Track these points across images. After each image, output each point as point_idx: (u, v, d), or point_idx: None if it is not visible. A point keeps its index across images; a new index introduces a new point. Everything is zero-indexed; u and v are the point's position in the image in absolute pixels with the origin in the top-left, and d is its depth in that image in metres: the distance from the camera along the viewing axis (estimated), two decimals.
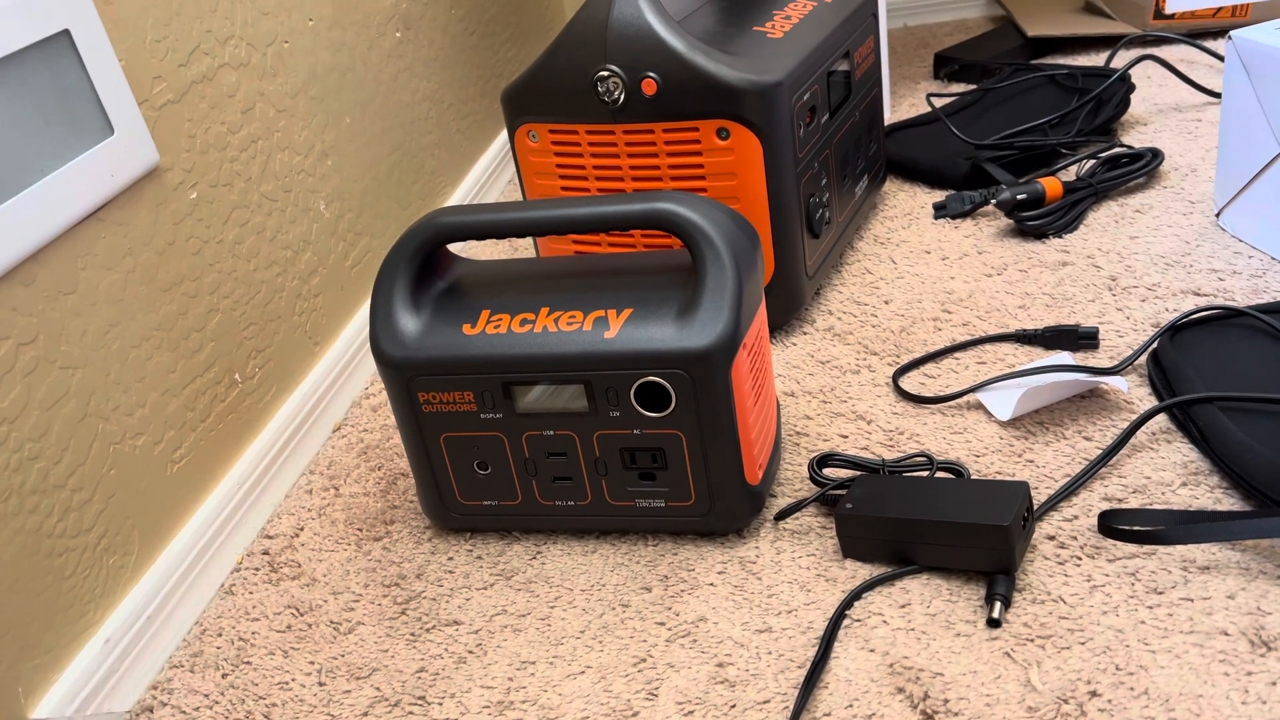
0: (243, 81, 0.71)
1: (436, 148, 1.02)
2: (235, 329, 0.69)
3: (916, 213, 0.91)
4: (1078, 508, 0.56)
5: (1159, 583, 0.51)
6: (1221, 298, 0.71)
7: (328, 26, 0.83)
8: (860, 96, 0.84)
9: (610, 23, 0.70)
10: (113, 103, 0.58)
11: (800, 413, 0.69)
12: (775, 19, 0.77)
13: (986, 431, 0.64)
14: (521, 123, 0.76)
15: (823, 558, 0.57)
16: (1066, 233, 0.83)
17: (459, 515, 0.62)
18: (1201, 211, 0.83)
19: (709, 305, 0.54)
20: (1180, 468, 0.58)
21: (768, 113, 0.68)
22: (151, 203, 0.62)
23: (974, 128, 0.99)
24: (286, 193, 0.76)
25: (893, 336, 0.75)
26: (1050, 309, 0.74)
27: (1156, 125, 0.99)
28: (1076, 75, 1.03)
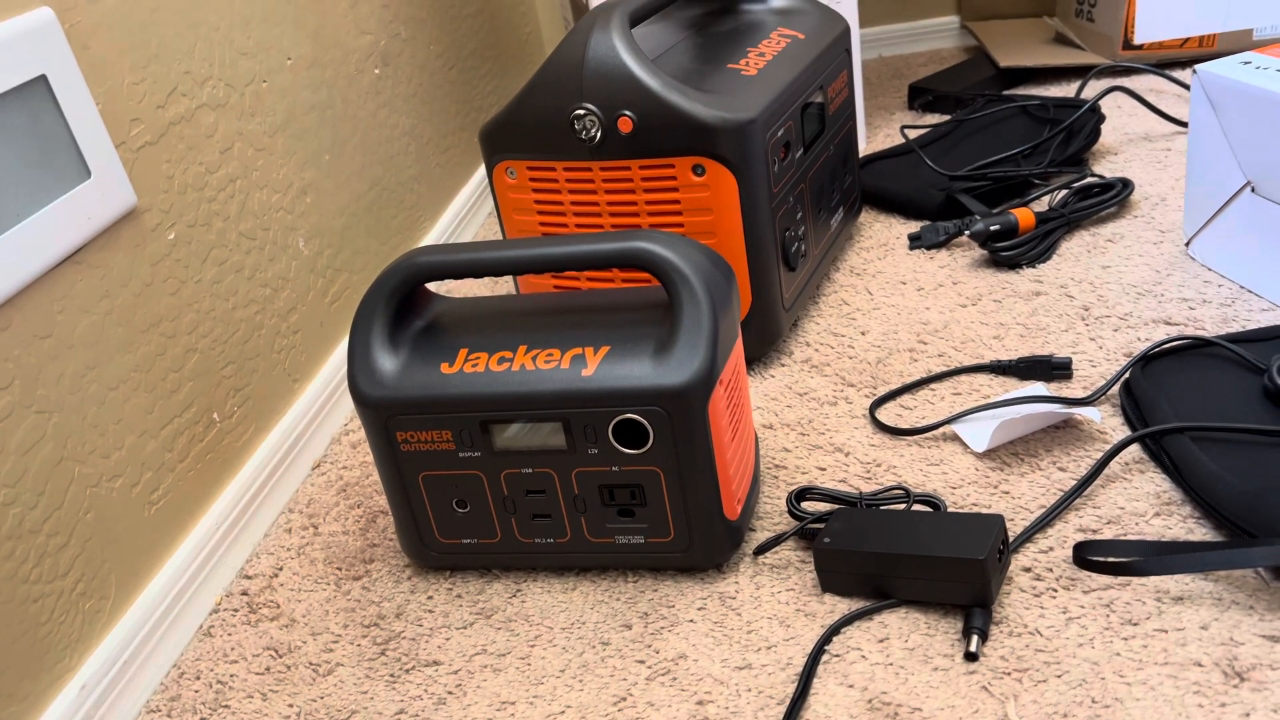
0: (221, 122, 0.72)
1: (416, 182, 1.03)
2: (214, 368, 0.69)
3: (892, 243, 0.92)
4: (1053, 539, 0.57)
5: (1134, 614, 0.51)
6: (1192, 327, 0.72)
7: (306, 65, 0.84)
8: (835, 131, 0.85)
9: (586, 62, 0.70)
10: (90, 146, 0.58)
11: (779, 445, 0.69)
12: (750, 56, 0.78)
13: (963, 463, 0.64)
14: (499, 160, 0.76)
15: (802, 592, 0.57)
16: (1040, 262, 0.84)
17: (438, 554, 0.62)
18: (1172, 240, 0.84)
19: (685, 343, 0.54)
20: (1153, 498, 0.58)
21: (742, 149, 0.69)
22: (129, 244, 0.62)
23: (948, 158, 1.00)
24: (265, 231, 0.76)
25: (869, 368, 0.75)
26: (1024, 339, 0.75)
27: (1127, 155, 1.00)
28: (1048, 106, 1.04)
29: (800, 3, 0.88)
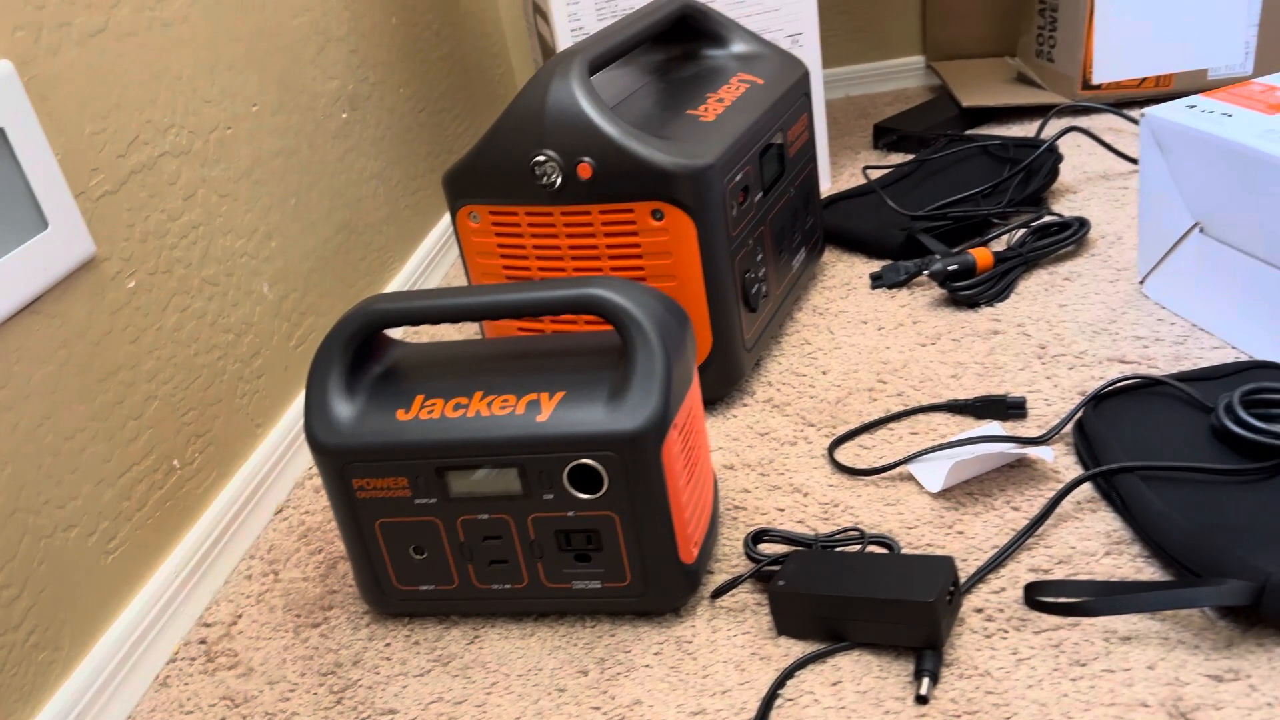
0: (184, 169, 0.72)
1: (384, 224, 1.04)
2: (174, 415, 0.69)
3: (854, 282, 0.93)
4: (1005, 579, 0.57)
5: (1082, 654, 0.52)
6: (1145, 365, 0.74)
7: (272, 111, 0.84)
8: (795, 173, 0.86)
9: (546, 109, 0.72)
10: (47, 197, 0.59)
11: (739, 486, 0.70)
12: (708, 101, 0.79)
13: (918, 503, 0.65)
14: (462, 204, 0.77)
15: (758, 635, 0.57)
16: (998, 301, 0.85)
17: (396, 600, 0.62)
18: (1127, 279, 0.85)
19: (638, 388, 0.55)
20: (1104, 537, 0.59)
21: (700, 194, 0.70)
22: (88, 293, 0.62)
23: (910, 198, 1.02)
24: (229, 276, 0.76)
25: (829, 407, 0.76)
26: (982, 378, 0.76)
27: (1086, 193, 1.02)
28: (1008, 145, 1.06)
29: (761, 48, 0.89)
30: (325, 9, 0.95)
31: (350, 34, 1.00)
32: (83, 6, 0.64)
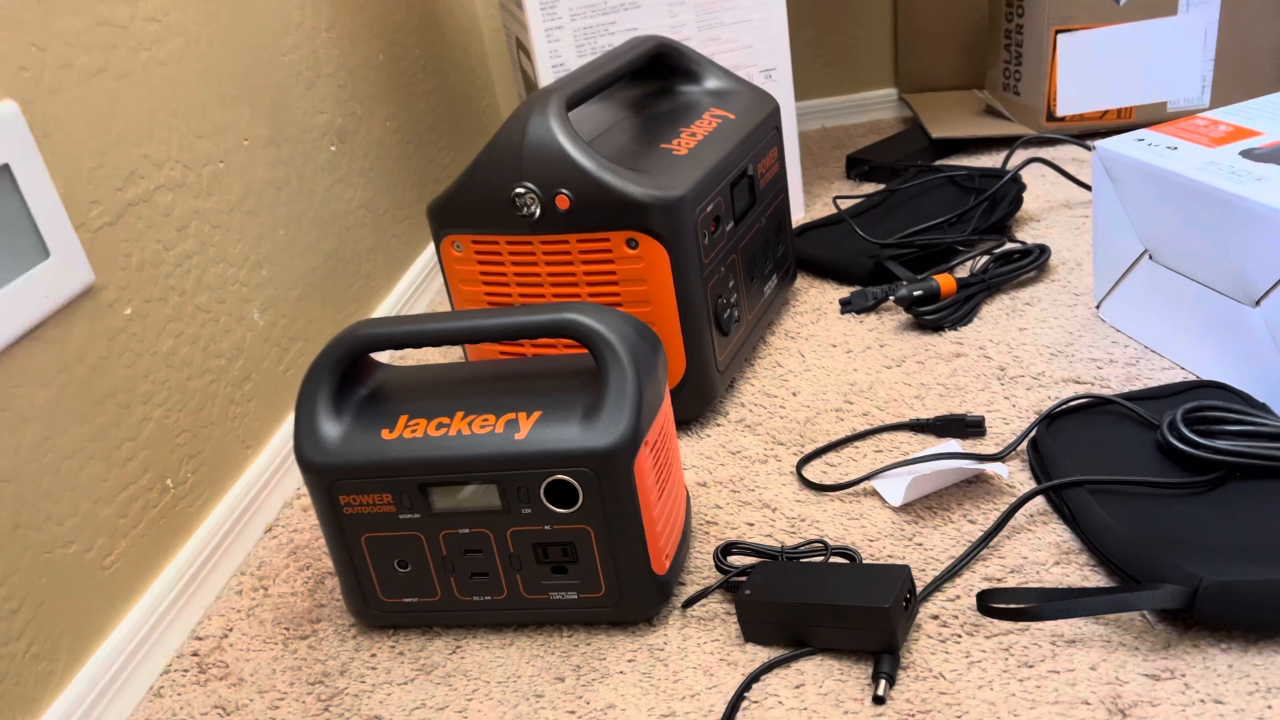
0: (179, 201, 0.75)
1: (372, 252, 1.07)
2: (168, 437, 0.72)
3: (825, 307, 0.97)
4: (960, 588, 0.61)
5: (1030, 657, 0.55)
6: (1099, 385, 0.77)
7: (263, 145, 0.88)
8: (766, 204, 0.90)
9: (525, 144, 0.75)
10: (49, 228, 0.62)
11: (711, 502, 0.73)
12: (682, 135, 0.83)
13: (880, 517, 0.68)
14: (446, 234, 0.80)
15: (726, 642, 0.60)
16: (962, 325, 0.89)
17: (381, 613, 0.65)
18: (1084, 303, 0.89)
19: (611, 407, 0.58)
20: (1054, 548, 0.62)
21: (672, 224, 0.74)
22: (86, 319, 0.65)
23: (879, 227, 1.06)
24: (221, 303, 0.79)
25: (799, 427, 0.79)
26: (944, 398, 0.79)
27: (1048, 221, 1.06)
28: (974, 176, 1.10)
29: (733, 84, 0.93)
30: (315, 46, 0.99)
31: (339, 69, 1.04)
32: (83, 48, 0.67)
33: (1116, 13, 1.20)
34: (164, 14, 0.76)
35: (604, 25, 1.05)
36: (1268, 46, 1.20)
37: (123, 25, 0.71)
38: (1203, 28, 1.19)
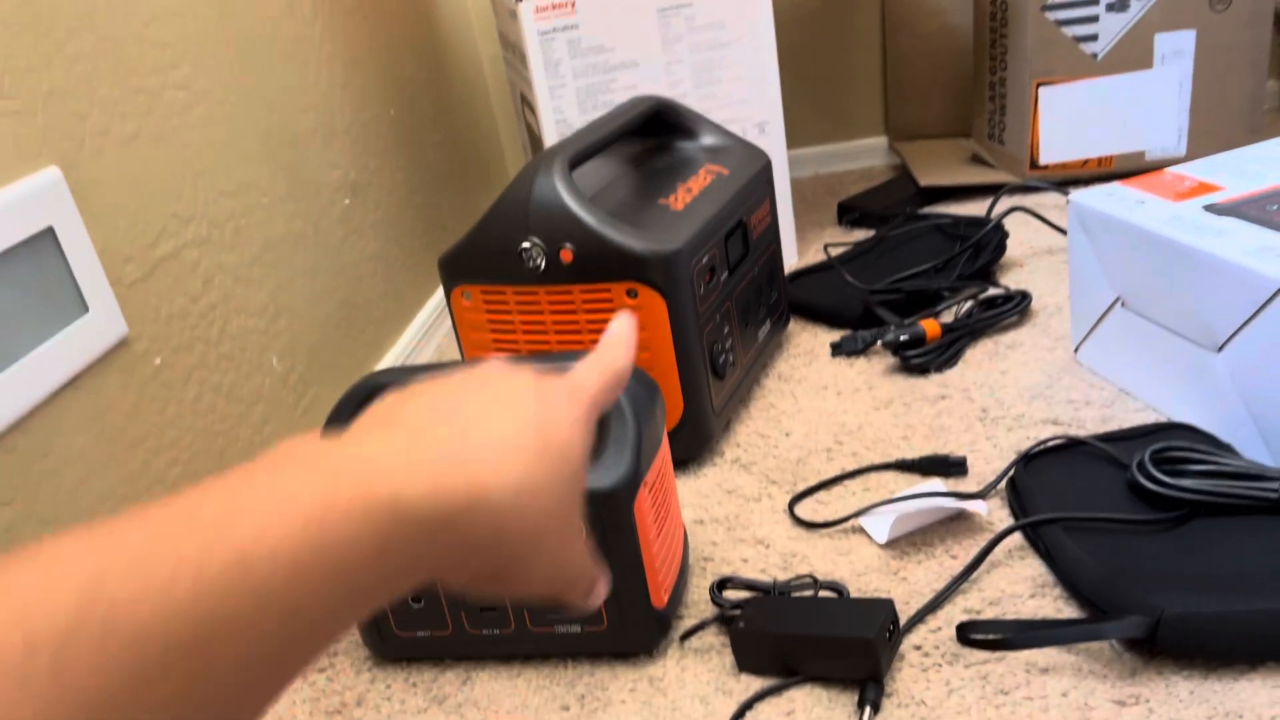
0: (203, 256, 0.80)
1: (382, 299, 1.11)
2: (193, 479, 0.76)
3: (817, 351, 1.01)
4: (941, 620, 0.64)
5: (1006, 684, 0.58)
6: (1076, 426, 0.81)
7: (281, 200, 0.93)
8: (759, 254, 0.94)
9: (532, 200, 0.80)
10: (88, 285, 0.66)
11: (708, 539, 0.77)
12: (678, 191, 0.88)
13: (868, 552, 0.72)
14: (456, 285, 0.85)
15: (721, 673, 0.64)
16: (947, 368, 0.93)
17: (396, 646, 0.68)
18: (1063, 347, 0.93)
19: (612, 451, 0.62)
20: (1030, 581, 0.66)
21: (670, 276, 0.78)
22: (120, 370, 0.69)
23: (868, 273, 1.10)
24: (242, 351, 0.84)
25: (791, 466, 0.83)
26: (929, 439, 0.83)
27: (1030, 267, 1.11)
28: (959, 224, 1.15)
29: (727, 141, 0.98)
30: (330, 104, 1.04)
31: (352, 126, 1.09)
32: (119, 115, 0.72)
33: (1095, 66, 1.25)
34: (192, 81, 0.81)
35: (605, 83, 1.10)
36: (1240, 97, 1.25)
37: (155, 92, 0.76)
38: (1177, 80, 1.24)
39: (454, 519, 0.31)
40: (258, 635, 0.26)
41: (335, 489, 0.29)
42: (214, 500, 0.27)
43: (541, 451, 0.34)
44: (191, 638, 0.25)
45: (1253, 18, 1.21)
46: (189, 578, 0.25)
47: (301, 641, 0.28)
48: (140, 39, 0.75)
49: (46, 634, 0.23)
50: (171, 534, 0.26)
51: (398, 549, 0.29)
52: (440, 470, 0.31)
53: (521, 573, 0.34)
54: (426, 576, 0.31)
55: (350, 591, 0.28)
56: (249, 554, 0.26)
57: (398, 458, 0.31)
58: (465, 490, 0.31)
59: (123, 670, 0.23)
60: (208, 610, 0.25)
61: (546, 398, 0.36)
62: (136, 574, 0.24)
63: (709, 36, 1.09)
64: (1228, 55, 1.23)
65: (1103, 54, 1.25)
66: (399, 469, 0.30)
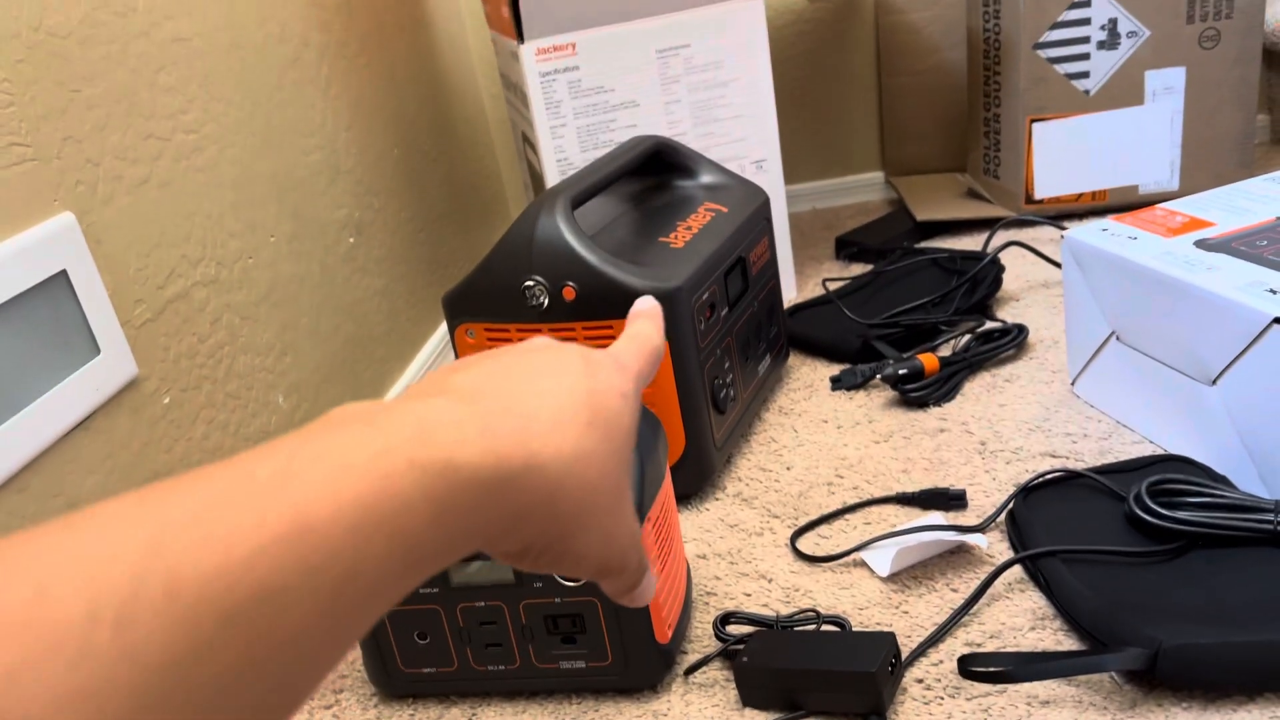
0: (212, 297, 0.81)
1: (386, 336, 1.13)
2: None
3: (816, 385, 1.02)
4: (943, 653, 0.65)
5: (1007, 717, 0.59)
6: (1073, 459, 0.82)
7: (287, 240, 0.94)
8: (758, 290, 0.96)
9: (535, 240, 0.81)
10: (100, 327, 0.67)
11: (711, 574, 0.77)
12: (678, 229, 0.89)
13: (869, 586, 0.72)
14: (460, 322, 0.86)
15: (726, 707, 0.64)
16: (945, 401, 0.94)
17: (401, 682, 0.69)
18: (1060, 380, 0.94)
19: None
20: (1030, 614, 0.67)
21: (671, 313, 0.79)
22: (130, 410, 0.70)
23: (866, 307, 1.12)
24: (249, 390, 0.85)
25: (792, 500, 0.84)
26: (929, 472, 0.84)
27: (1026, 300, 1.12)
28: (955, 258, 1.16)
29: (726, 179, 1.00)
30: (335, 145, 1.06)
31: (357, 165, 1.11)
32: (130, 161, 0.74)
33: (1087, 102, 1.27)
34: (200, 125, 0.83)
35: (605, 122, 1.12)
36: (1231, 132, 1.27)
37: (165, 138, 0.78)
38: (1168, 116, 1.26)
39: (509, 483, 0.31)
40: (316, 599, 0.26)
41: (390, 451, 0.29)
42: (270, 462, 0.27)
43: (591, 422, 0.34)
44: (252, 601, 0.24)
45: (1241, 54, 1.23)
46: (248, 540, 0.25)
47: (358, 607, 0.27)
48: (152, 85, 0.77)
49: (108, 600, 0.22)
50: (229, 496, 0.26)
51: (454, 512, 0.30)
52: (495, 433, 0.31)
53: (574, 546, 0.34)
54: (482, 542, 0.31)
55: (407, 554, 0.28)
56: (307, 516, 0.26)
57: (451, 421, 0.31)
58: (521, 454, 0.31)
59: (185, 635, 0.23)
60: (267, 573, 0.25)
61: (595, 369, 0.36)
62: (196, 536, 0.24)
63: (707, 76, 1.11)
64: (1217, 91, 1.25)
65: (1095, 90, 1.27)
66: (453, 431, 0.30)
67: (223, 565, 0.24)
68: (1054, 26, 1.25)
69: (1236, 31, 1.22)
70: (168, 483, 0.26)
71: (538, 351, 0.37)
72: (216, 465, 0.27)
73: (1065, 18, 1.24)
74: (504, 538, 0.32)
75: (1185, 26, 1.23)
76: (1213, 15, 1.22)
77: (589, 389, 0.35)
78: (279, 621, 0.25)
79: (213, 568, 0.24)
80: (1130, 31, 1.24)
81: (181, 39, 0.82)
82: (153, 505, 0.25)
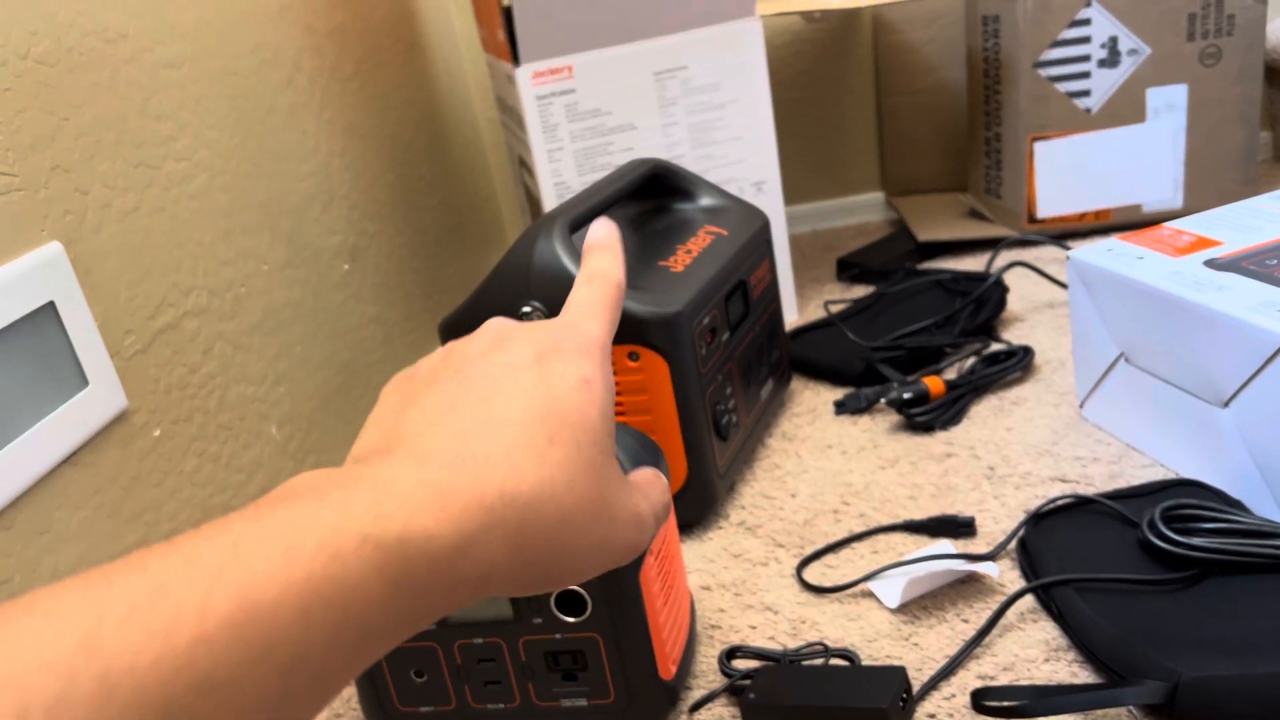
0: (203, 326, 0.80)
1: (382, 363, 1.11)
2: None
3: (820, 409, 1.01)
4: (955, 686, 0.63)
5: None
6: (1084, 483, 0.80)
7: (280, 268, 0.93)
8: (759, 313, 0.94)
9: (532, 265, 0.80)
10: (89, 359, 0.66)
11: (715, 606, 0.75)
12: (678, 253, 0.88)
13: (878, 617, 0.70)
14: None
15: None
16: (951, 425, 0.93)
17: None
18: (1068, 403, 0.93)
19: None
20: (1043, 645, 0.65)
21: (671, 338, 0.78)
22: (119, 443, 0.69)
23: (869, 329, 1.10)
24: (241, 420, 0.83)
25: (798, 529, 0.82)
26: (936, 498, 0.82)
27: (1031, 321, 1.10)
28: (959, 279, 1.15)
29: (725, 201, 0.99)
30: (329, 171, 1.05)
31: (351, 191, 1.09)
32: (120, 189, 0.72)
33: (1089, 121, 1.27)
34: (192, 153, 0.82)
35: (603, 145, 1.11)
36: (1234, 150, 1.26)
37: (155, 165, 0.77)
38: (1171, 134, 1.26)
39: (471, 542, 0.30)
40: (263, 686, 0.25)
41: (340, 528, 0.28)
42: (216, 543, 0.26)
43: (552, 438, 0.32)
44: (193, 691, 0.23)
45: (1242, 71, 1.23)
46: (190, 627, 0.24)
47: (310, 689, 0.26)
48: (142, 113, 0.76)
49: (38, 700, 0.22)
50: (172, 582, 0.25)
51: (411, 586, 0.28)
52: (450, 494, 0.30)
53: (565, 567, 0.32)
54: (448, 608, 0.30)
55: (361, 634, 0.27)
56: (253, 600, 0.25)
57: (405, 489, 0.29)
58: (479, 513, 0.30)
59: None
60: (210, 662, 0.24)
61: (547, 364, 0.35)
62: (136, 625, 0.23)
63: (705, 99, 1.10)
64: (1220, 109, 1.24)
65: (1096, 109, 1.26)
66: (407, 501, 0.29)
67: (160, 657, 0.23)
68: (1054, 45, 1.24)
69: (1238, 49, 1.22)
70: (113, 566, 0.25)
71: (485, 359, 0.35)
72: (164, 545, 0.26)
73: (1065, 36, 1.24)
74: (483, 590, 0.31)
75: (1186, 44, 1.22)
76: (1214, 33, 1.21)
77: (544, 398, 0.33)
78: (224, 710, 0.24)
79: (150, 660, 0.23)
80: (1131, 49, 1.23)
81: (172, 65, 0.81)
82: (94, 593, 0.24)
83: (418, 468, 0.30)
